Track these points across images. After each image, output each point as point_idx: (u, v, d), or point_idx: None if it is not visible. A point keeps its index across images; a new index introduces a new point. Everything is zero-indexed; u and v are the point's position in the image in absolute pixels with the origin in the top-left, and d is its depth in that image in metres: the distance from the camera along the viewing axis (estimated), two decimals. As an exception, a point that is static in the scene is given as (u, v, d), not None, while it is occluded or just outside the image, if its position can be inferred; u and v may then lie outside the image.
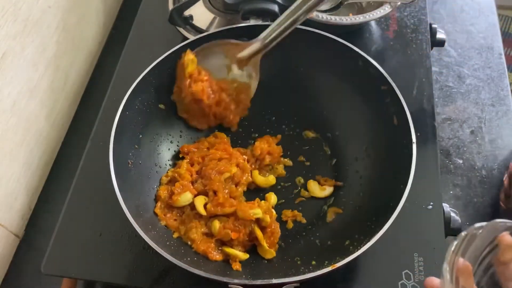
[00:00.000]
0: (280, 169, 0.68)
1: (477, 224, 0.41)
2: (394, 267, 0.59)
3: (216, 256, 0.57)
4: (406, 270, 0.58)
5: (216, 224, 0.59)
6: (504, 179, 0.71)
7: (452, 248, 0.40)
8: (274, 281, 0.48)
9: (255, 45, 0.64)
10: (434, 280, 0.44)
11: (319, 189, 0.66)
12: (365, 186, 0.63)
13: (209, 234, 0.59)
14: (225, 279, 0.49)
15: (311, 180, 0.67)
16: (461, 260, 0.40)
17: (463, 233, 0.41)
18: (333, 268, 0.49)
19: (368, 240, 0.50)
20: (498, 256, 0.42)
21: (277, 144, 0.69)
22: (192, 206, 0.61)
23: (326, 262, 0.53)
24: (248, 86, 0.67)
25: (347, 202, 0.64)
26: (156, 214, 0.60)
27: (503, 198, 0.70)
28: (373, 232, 0.51)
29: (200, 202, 0.61)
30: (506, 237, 0.41)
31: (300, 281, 0.48)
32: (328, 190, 0.65)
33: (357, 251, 0.50)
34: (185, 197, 0.61)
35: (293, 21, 0.61)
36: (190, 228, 0.59)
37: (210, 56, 0.66)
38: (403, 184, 0.54)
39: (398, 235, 0.59)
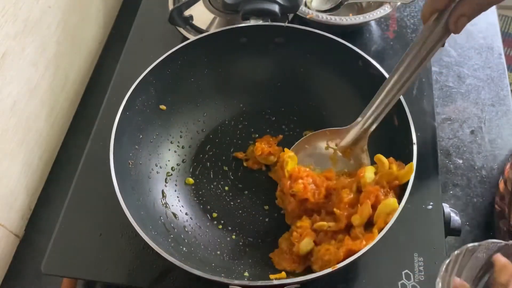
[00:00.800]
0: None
1: (470, 244, 0.41)
2: (394, 267, 0.59)
3: None
4: (406, 270, 0.58)
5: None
6: (499, 182, 0.71)
7: (444, 267, 0.39)
8: (275, 282, 0.48)
9: (355, 129, 0.60)
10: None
11: None
12: (365, 186, 0.63)
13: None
14: (225, 280, 0.49)
15: None
16: (457, 279, 0.39)
17: (455, 252, 0.40)
18: (334, 269, 0.49)
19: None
20: (495, 277, 0.41)
21: (278, 145, 0.69)
22: None
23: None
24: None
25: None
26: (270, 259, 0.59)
27: (498, 201, 0.70)
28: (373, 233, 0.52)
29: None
30: (500, 257, 0.41)
31: (301, 282, 0.48)
32: None
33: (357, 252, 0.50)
34: (306, 244, 0.56)
35: (394, 95, 0.57)
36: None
37: (309, 150, 0.63)
38: (403, 185, 0.54)
39: (398, 235, 0.59)
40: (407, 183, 0.54)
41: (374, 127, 0.60)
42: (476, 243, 0.41)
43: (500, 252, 0.42)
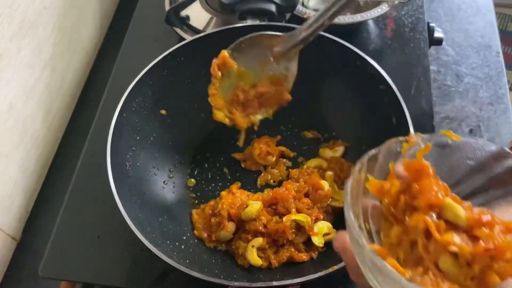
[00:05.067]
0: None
1: (372, 151, 0.37)
2: (393, 267, 0.58)
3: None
4: (406, 270, 0.58)
5: None
6: None
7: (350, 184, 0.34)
8: (275, 283, 0.48)
9: (292, 39, 0.59)
10: (345, 236, 0.37)
11: None
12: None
13: None
14: (225, 282, 0.49)
15: None
16: (369, 202, 0.35)
17: (358, 163, 0.36)
18: (333, 270, 0.49)
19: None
20: None
21: (276, 145, 0.69)
22: None
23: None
24: (285, 77, 0.61)
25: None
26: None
27: None
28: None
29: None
30: (396, 167, 0.36)
31: (301, 283, 0.48)
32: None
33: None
34: (224, 234, 0.60)
35: (334, 12, 0.55)
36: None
37: (246, 51, 0.61)
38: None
39: (398, 235, 0.59)
40: None
41: (310, 39, 0.58)
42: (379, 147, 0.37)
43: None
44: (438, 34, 0.81)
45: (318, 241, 0.57)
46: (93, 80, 0.88)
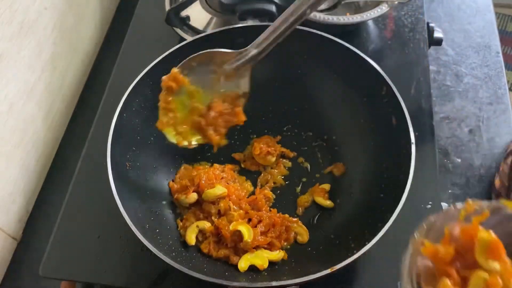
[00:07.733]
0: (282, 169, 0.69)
1: (431, 218, 0.41)
2: (393, 267, 0.58)
3: None
4: (405, 270, 0.58)
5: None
6: (495, 180, 0.71)
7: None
8: (274, 283, 0.48)
9: (241, 57, 0.58)
10: None
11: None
12: (363, 187, 0.63)
13: None
14: (224, 282, 0.49)
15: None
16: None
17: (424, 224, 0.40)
18: (332, 270, 0.49)
19: (368, 241, 0.50)
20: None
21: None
22: None
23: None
24: (236, 95, 0.60)
25: (345, 204, 0.63)
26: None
27: (495, 199, 0.70)
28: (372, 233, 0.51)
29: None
30: (452, 230, 0.40)
31: (300, 283, 0.48)
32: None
33: (356, 253, 0.50)
34: (183, 199, 0.62)
35: (284, 30, 0.56)
36: None
37: (196, 69, 0.60)
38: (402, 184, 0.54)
39: (397, 234, 0.59)
40: None
41: (261, 57, 0.59)
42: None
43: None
44: (437, 34, 0.81)
45: (242, 264, 0.57)
46: (94, 80, 0.88)
